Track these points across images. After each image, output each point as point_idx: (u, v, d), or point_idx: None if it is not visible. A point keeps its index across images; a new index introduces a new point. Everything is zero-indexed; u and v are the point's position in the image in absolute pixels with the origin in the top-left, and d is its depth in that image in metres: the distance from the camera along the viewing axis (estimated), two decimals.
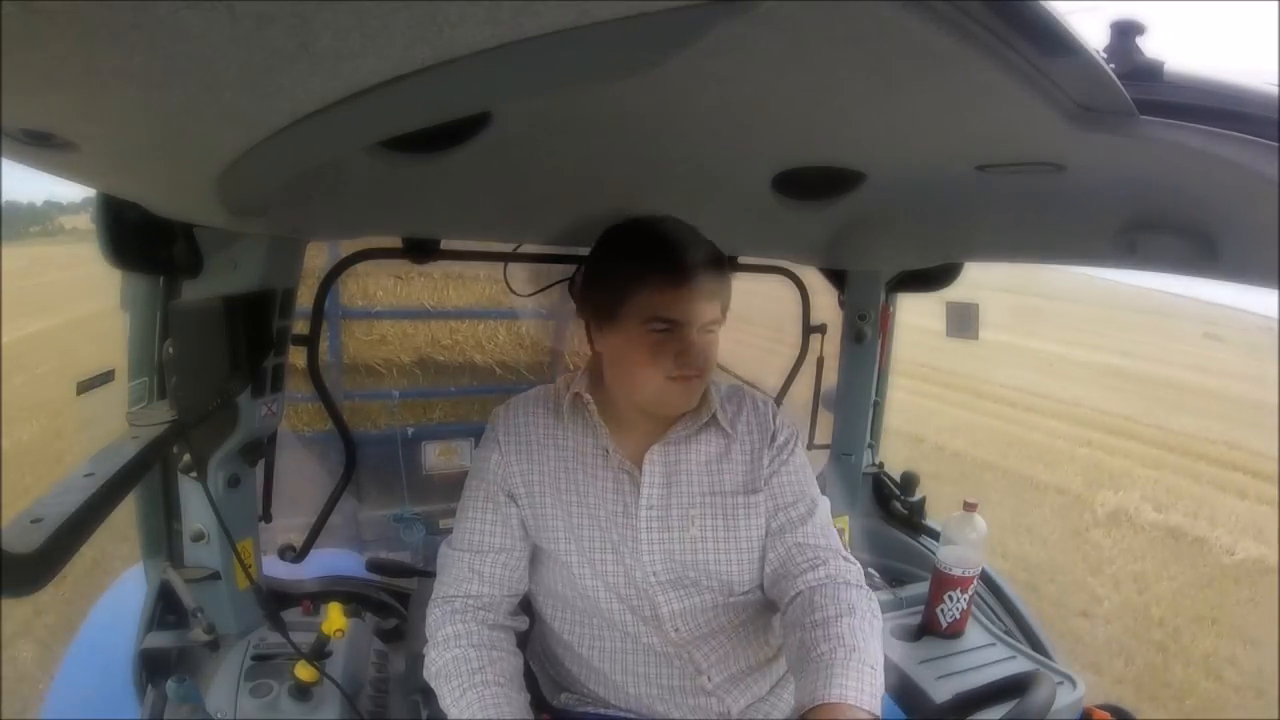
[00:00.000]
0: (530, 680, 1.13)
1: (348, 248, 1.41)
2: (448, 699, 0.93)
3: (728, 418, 1.07)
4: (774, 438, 1.08)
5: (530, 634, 1.15)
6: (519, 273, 1.53)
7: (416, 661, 1.16)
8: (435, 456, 3.33)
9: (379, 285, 3.26)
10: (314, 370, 1.35)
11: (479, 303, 3.40)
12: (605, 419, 1.04)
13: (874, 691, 0.83)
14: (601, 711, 1.08)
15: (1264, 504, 6.63)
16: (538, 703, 1.12)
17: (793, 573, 1.00)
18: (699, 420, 1.04)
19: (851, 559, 1.04)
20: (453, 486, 3.37)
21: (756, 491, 1.04)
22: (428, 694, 0.99)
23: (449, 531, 1.09)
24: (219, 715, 1.06)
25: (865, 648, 0.87)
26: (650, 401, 0.99)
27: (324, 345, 3.12)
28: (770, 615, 1.09)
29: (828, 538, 1.04)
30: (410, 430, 3.33)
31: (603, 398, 1.04)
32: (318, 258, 2.38)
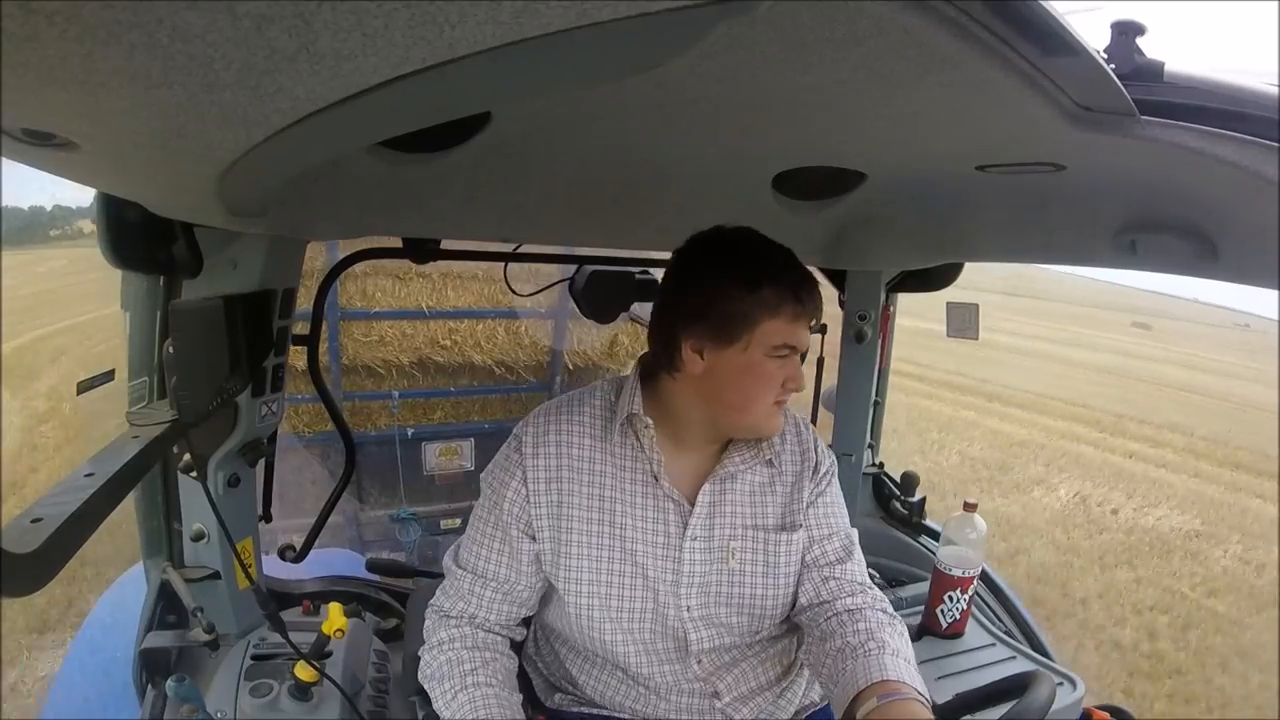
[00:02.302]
0: (524, 679, 1.13)
1: (347, 247, 1.41)
2: (440, 701, 0.94)
3: (773, 447, 1.04)
4: (816, 468, 1.06)
5: (526, 634, 1.14)
6: (519, 273, 1.53)
7: (415, 662, 1.16)
8: (436, 457, 3.34)
9: (378, 286, 3.26)
10: (314, 370, 1.35)
11: (477, 303, 3.40)
12: (659, 442, 0.99)
13: (921, 686, 0.89)
14: (597, 712, 1.08)
15: (1160, 468, 8.21)
16: (531, 702, 1.11)
17: (828, 600, 1.01)
18: (759, 453, 1.02)
19: (883, 596, 1.04)
20: (453, 487, 3.38)
21: (795, 528, 1.03)
22: (425, 695, 0.99)
23: (451, 532, 1.09)
24: (219, 715, 1.06)
25: (909, 653, 0.94)
26: (751, 425, 0.97)
27: (323, 347, 3.14)
28: (787, 632, 1.08)
29: (864, 576, 1.05)
30: (410, 431, 3.34)
31: (659, 416, 0.99)
32: (317, 259, 2.38)
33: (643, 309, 1.65)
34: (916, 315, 2.41)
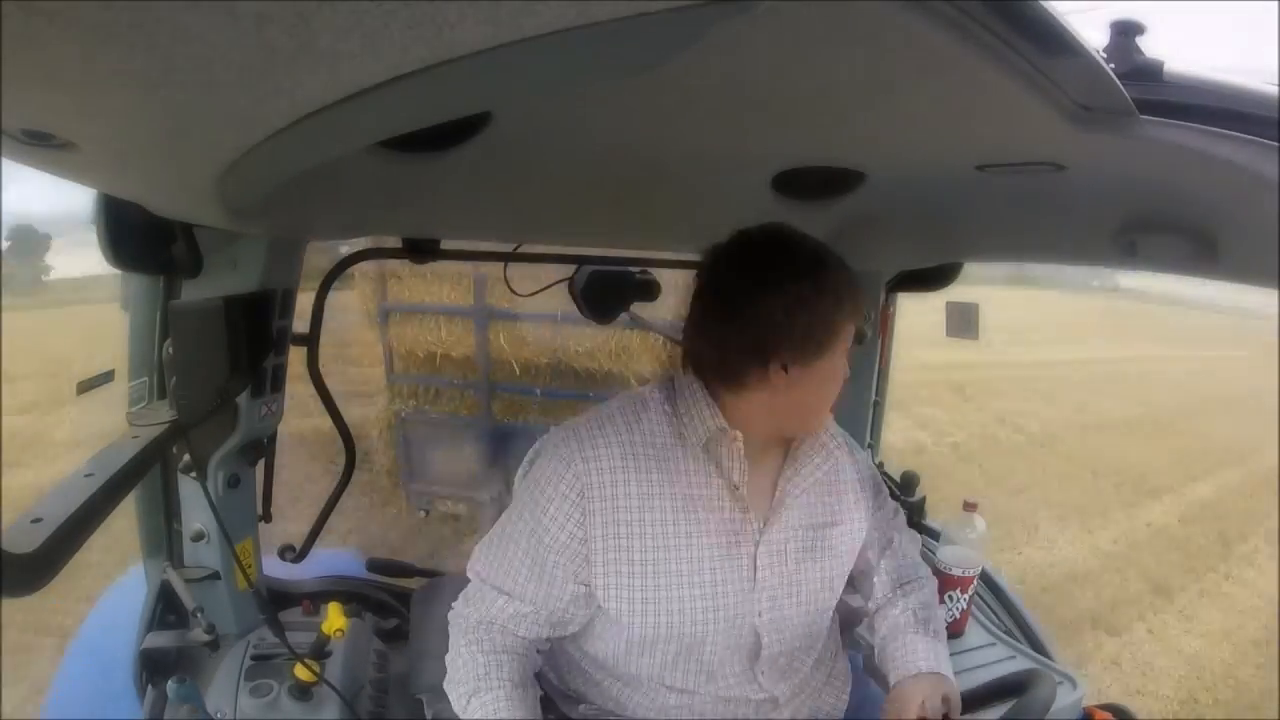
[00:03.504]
0: (545, 685, 1.10)
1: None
2: (456, 705, 0.92)
3: (822, 443, 1.02)
4: (879, 499, 1.12)
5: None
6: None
7: (419, 661, 1.16)
8: None
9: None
10: (314, 370, 1.35)
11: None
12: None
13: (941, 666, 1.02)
14: (624, 715, 1.03)
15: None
16: (553, 711, 1.09)
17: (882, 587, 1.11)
18: (827, 456, 1.01)
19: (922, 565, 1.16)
20: None
21: (851, 524, 1.04)
22: (433, 693, 0.98)
23: None
24: (219, 715, 1.06)
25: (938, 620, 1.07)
26: (818, 425, 0.99)
27: (471, 340, 3.68)
28: (832, 628, 1.11)
29: (906, 557, 1.14)
30: (552, 428, 3.56)
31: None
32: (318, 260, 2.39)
33: (642, 309, 1.65)
34: None
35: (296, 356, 1.26)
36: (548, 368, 3.64)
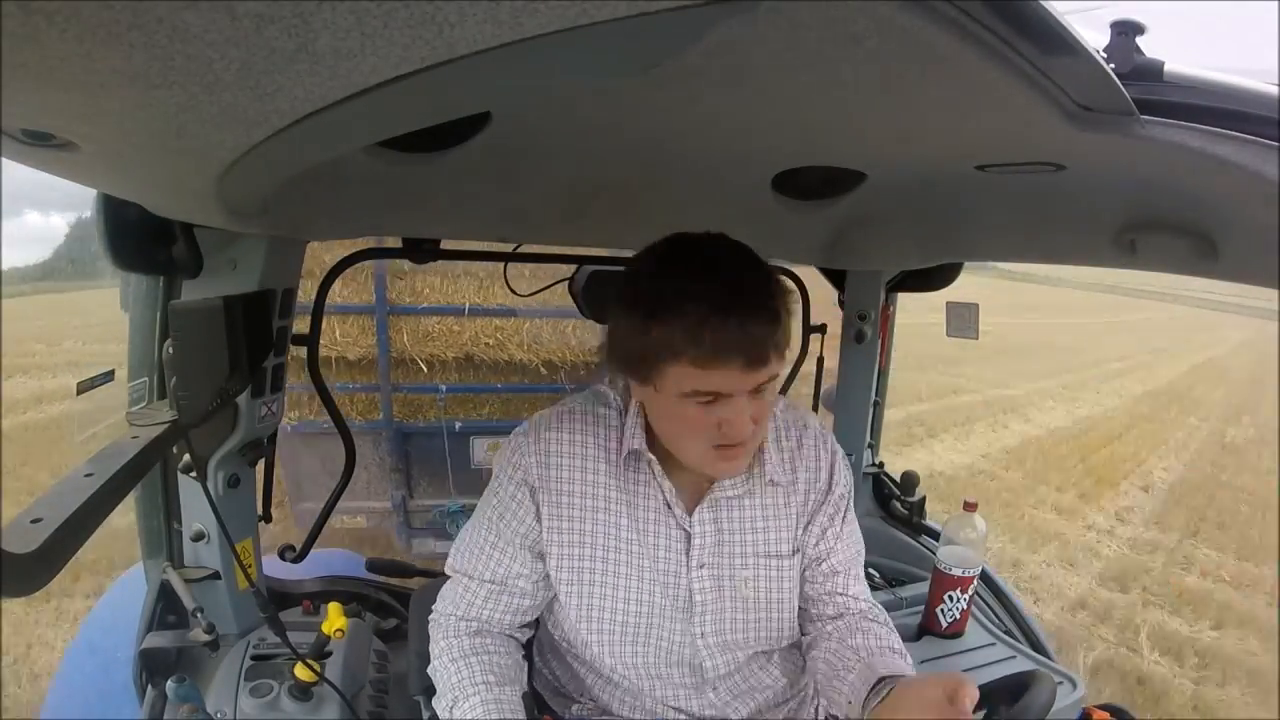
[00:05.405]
0: (540, 683, 1.10)
1: (348, 247, 1.41)
2: (442, 716, 0.92)
3: (785, 458, 0.97)
4: (831, 488, 1.00)
5: (535, 640, 1.11)
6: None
7: (418, 661, 1.16)
8: (485, 451, 3.45)
9: (426, 283, 3.38)
10: (314, 370, 1.35)
11: (526, 302, 3.50)
12: (664, 468, 0.92)
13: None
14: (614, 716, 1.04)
15: None
16: (547, 709, 1.09)
17: (816, 617, 1.00)
18: (750, 474, 0.95)
19: (879, 609, 1.02)
20: None
21: (792, 562, 0.99)
22: (431, 693, 0.98)
23: None
24: (219, 715, 1.07)
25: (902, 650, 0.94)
26: (693, 466, 0.90)
27: (369, 341, 3.42)
28: (794, 646, 1.06)
29: (857, 593, 1.01)
30: (458, 424, 3.46)
31: (656, 441, 0.92)
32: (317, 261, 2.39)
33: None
34: None
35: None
36: (454, 362, 3.48)
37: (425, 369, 3.44)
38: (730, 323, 0.76)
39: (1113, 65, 0.63)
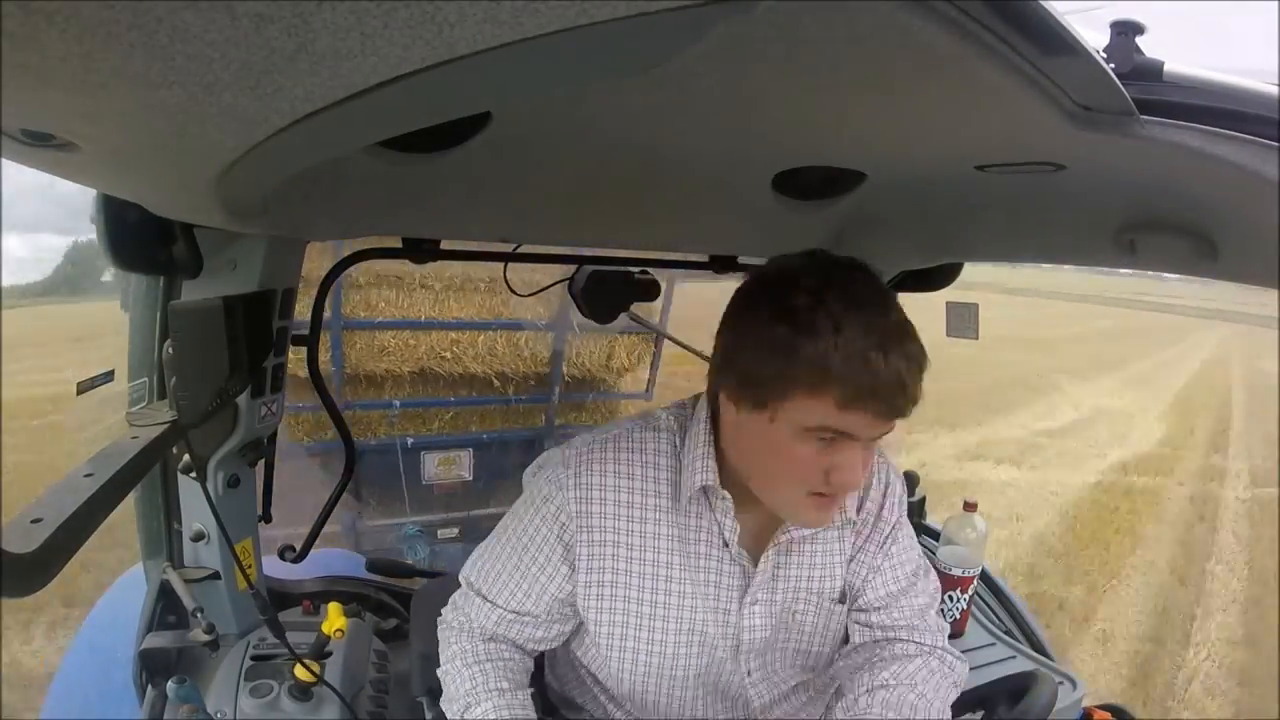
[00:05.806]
0: (548, 693, 1.10)
1: (347, 247, 1.41)
2: (452, 716, 0.92)
3: (849, 509, 0.93)
4: (880, 516, 0.97)
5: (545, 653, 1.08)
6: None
7: (419, 662, 1.16)
8: (435, 467, 3.35)
9: (381, 296, 3.28)
10: (314, 372, 1.35)
11: (479, 314, 3.41)
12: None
13: None
14: None
15: None
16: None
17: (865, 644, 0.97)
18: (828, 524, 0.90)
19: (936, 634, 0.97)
20: (451, 497, 3.39)
21: (856, 593, 0.97)
22: (434, 694, 0.98)
23: (448, 541, 1.06)
24: (219, 715, 1.07)
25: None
26: (777, 509, 0.84)
27: (327, 355, 3.20)
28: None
29: (911, 620, 0.97)
30: (410, 440, 3.35)
31: (724, 473, 0.86)
32: (319, 259, 2.38)
33: (642, 309, 1.65)
34: None
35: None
36: (409, 376, 3.39)
37: (379, 384, 3.34)
38: (889, 362, 0.71)
39: (1112, 65, 0.63)
